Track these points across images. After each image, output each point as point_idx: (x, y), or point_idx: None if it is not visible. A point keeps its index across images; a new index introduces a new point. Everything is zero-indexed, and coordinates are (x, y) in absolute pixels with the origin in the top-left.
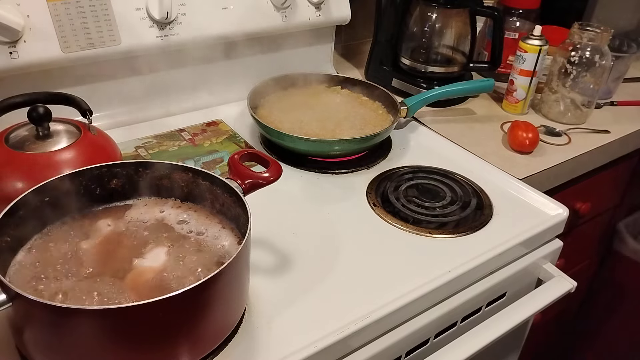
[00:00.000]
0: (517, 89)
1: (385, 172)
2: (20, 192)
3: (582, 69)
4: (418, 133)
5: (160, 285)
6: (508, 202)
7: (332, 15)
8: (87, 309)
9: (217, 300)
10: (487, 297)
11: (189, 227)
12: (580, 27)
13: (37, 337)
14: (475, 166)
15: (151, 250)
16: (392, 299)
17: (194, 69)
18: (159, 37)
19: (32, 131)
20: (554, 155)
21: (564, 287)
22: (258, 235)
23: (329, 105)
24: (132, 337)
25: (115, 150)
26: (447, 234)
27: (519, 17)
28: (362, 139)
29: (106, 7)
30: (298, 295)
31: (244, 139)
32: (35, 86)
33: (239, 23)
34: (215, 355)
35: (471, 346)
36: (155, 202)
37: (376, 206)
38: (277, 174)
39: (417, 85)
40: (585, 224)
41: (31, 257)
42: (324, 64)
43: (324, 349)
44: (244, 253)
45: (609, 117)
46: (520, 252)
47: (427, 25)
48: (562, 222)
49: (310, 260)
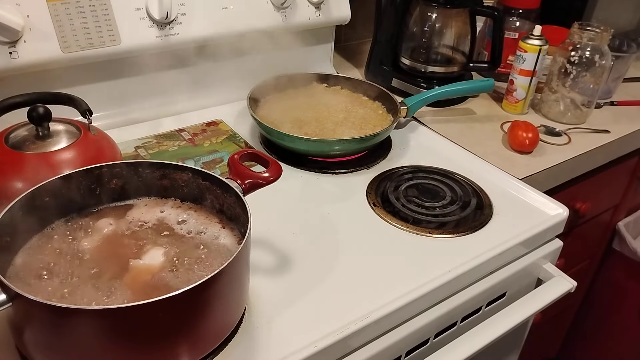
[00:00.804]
0: (517, 89)
1: (385, 172)
2: (20, 192)
3: (582, 69)
4: (418, 133)
5: (160, 285)
6: (508, 202)
7: (332, 15)
8: (87, 309)
9: (217, 300)
10: (487, 297)
11: (188, 227)
12: (580, 27)
13: (37, 337)
14: (475, 166)
15: (151, 250)
16: (392, 299)
17: (193, 69)
18: (159, 37)
19: (32, 131)
20: (554, 155)
21: (564, 287)
22: (258, 235)
23: (329, 105)
24: (132, 337)
25: (115, 150)
26: (447, 233)
27: (519, 17)
28: (362, 139)
29: (106, 7)
30: (298, 295)
31: (244, 139)
32: (35, 86)
33: (239, 23)
34: (215, 355)
35: (471, 346)
36: (156, 202)
37: (376, 206)
38: (277, 174)
39: (417, 85)
40: (585, 224)
41: (31, 257)
42: (324, 64)
43: (324, 349)
44: (244, 253)
45: (609, 117)
46: (520, 252)
47: (427, 25)
48: (562, 222)
49: (310, 260)
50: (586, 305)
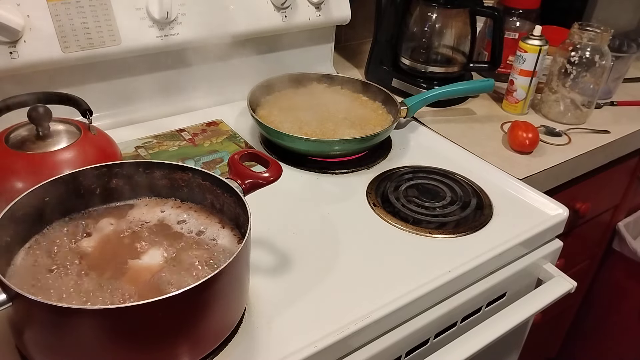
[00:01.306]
0: (517, 89)
1: (385, 172)
2: (20, 192)
3: (582, 69)
4: (418, 133)
5: (160, 285)
6: (508, 202)
7: (332, 15)
8: (87, 309)
9: (217, 300)
10: (487, 297)
11: (189, 227)
12: (580, 27)
13: (37, 337)
14: (475, 166)
15: (151, 250)
16: (392, 299)
17: (194, 68)
18: (159, 37)
19: (32, 131)
20: (554, 155)
21: (564, 287)
22: (258, 235)
23: (329, 105)
24: (132, 337)
25: (115, 150)
26: (447, 234)
27: (519, 17)
28: (362, 139)
29: (106, 7)
30: (298, 295)
31: (244, 139)
32: (35, 86)
33: (239, 23)
34: (215, 355)
35: (471, 346)
36: (156, 202)
37: (376, 206)
38: (277, 174)
39: (417, 85)
40: (585, 224)
41: (31, 257)
42: (324, 64)
43: (324, 349)
44: (244, 253)
45: (609, 117)
46: (520, 252)
47: (427, 25)
48: (562, 222)
49: (310, 260)
50: (586, 305)
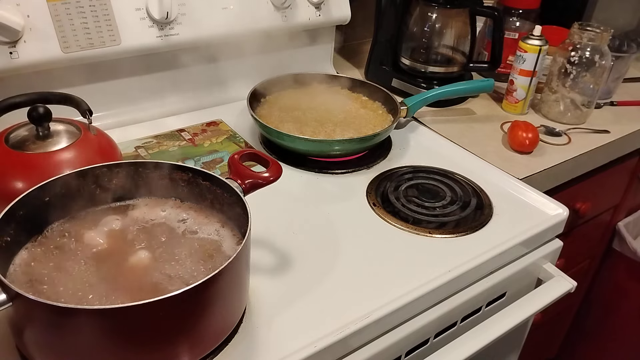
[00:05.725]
0: (517, 89)
1: (385, 172)
2: (20, 192)
3: (582, 69)
4: (418, 133)
5: (160, 285)
6: (508, 202)
7: (332, 15)
8: (87, 309)
9: (217, 300)
10: (487, 297)
11: (189, 227)
12: (580, 27)
13: (37, 337)
14: (475, 166)
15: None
16: (392, 298)
17: (194, 68)
18: (159, 37)
19: (32, 131)
20: (554, 155)
21: (564, 287)
22: (258, 235)
23: (329, 105)
24: (132, 337)
25: (115, 150)
26: (447, 234)
27: (519, 17)
28: (362, 139)
29: (106, 7)
30: (298, 295)
31: (244, 139)
32: (35, 86)
33: (239, 23)
34: (215, 355)
35: (471, 346)
36: (156, 202)
37: (376, 206)
38: (277, 174)
39: (417, 85)
40: (585, 224)
41: (31, 257)
42: (324, 64)
43: (324, 349)
44: (243, 253)
45: (609, 117)
46: (520, 252)
47: (427, 25)
48: (562, 222)
49: (310, 260)
50: (586, 305)
